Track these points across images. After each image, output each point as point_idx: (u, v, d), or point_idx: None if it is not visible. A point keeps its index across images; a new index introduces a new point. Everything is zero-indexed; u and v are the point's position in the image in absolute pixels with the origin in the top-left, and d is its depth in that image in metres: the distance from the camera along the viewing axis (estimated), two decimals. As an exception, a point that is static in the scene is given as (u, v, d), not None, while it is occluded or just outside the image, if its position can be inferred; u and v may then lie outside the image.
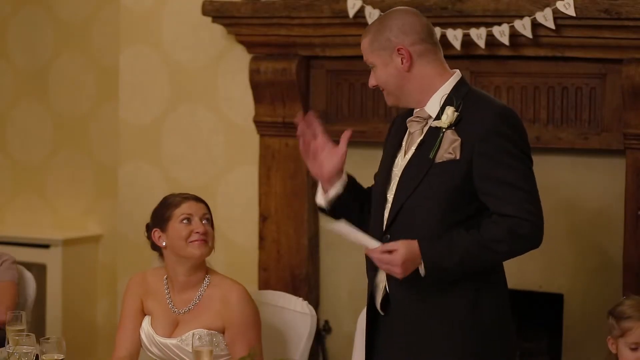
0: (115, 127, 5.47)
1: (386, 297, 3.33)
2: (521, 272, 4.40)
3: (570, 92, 4.42)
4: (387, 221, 3.28)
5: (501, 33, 4.34)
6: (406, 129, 3.35)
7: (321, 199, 3.44)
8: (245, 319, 3.69)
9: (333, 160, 3.38)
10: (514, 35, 4.34)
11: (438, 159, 3.20)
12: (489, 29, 4.36)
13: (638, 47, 4.21)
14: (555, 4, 4.23)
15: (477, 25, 4.39)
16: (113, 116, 5.60)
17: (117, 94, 5.39)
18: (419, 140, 3.27)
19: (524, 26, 4.29)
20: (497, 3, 4.36)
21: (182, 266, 3.74)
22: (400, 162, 3.31)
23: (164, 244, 3.74)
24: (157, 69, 5.23)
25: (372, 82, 3.35)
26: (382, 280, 3.33)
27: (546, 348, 4.72)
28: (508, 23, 4.33)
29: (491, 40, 4.37)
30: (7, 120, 6.11)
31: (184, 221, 3.71)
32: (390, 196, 3.30)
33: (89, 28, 5.84)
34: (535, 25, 4.29)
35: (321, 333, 4.93)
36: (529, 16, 4.29)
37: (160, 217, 3.75)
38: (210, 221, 3.76)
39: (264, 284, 4.95)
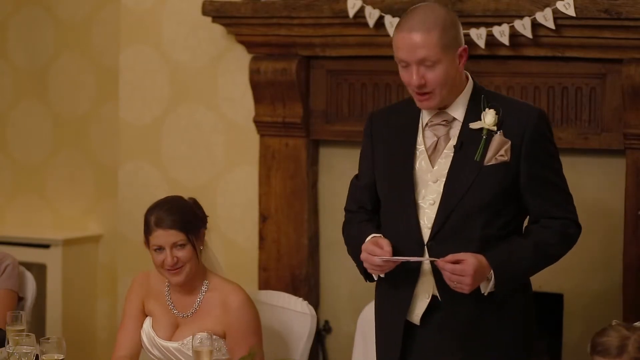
0: (115, 127, 5.47)
1: (428, 308, 3.25)
2: (521, 272, 4.40)
3: (570, 92, 4.42)
4: (432, 228, 3.19)
5: (501, 33, 4.34)
6: (399, 127, 3.31)
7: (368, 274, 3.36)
8: (245, 325, 3.67)
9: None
10: (514, 35, 4.33)
11: (487, 162, 3.17)
12: (489, 29, 4.36)
13: (638, 47, 4.21)
14: (555, 4, 4.23)
15: (477, 25, 4.38)
16: (113, 116, 5.59)
17: (117, 94, 5.39)
18: (452, 144, 3.22)
19: (524, 26, 4.29)
20: (497, 3, 4.35)
21: None
22: (425, 166, 3.24)
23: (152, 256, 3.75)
24: (157, 69, 5.23)
25: (419, 80, 3.16)
26: (426, 290, 3.25)
27: (546, 348, 4.72)
28: (508, 23, 4.32)
29: (491, 40, 4.36)
30: (7, 120, 6.11)
31: (157, 249, 3.69)
32: (423, 202, 3.23)
33: (89, 28, 5.84)
34: (535, 25, 4.29)
35: (321, 333, 4.93)
36: (529, 16, 4.28)
37: (144, 231, 3.73)
38: (185, 243, 3.67)
39: (264, 284, 4.94)
